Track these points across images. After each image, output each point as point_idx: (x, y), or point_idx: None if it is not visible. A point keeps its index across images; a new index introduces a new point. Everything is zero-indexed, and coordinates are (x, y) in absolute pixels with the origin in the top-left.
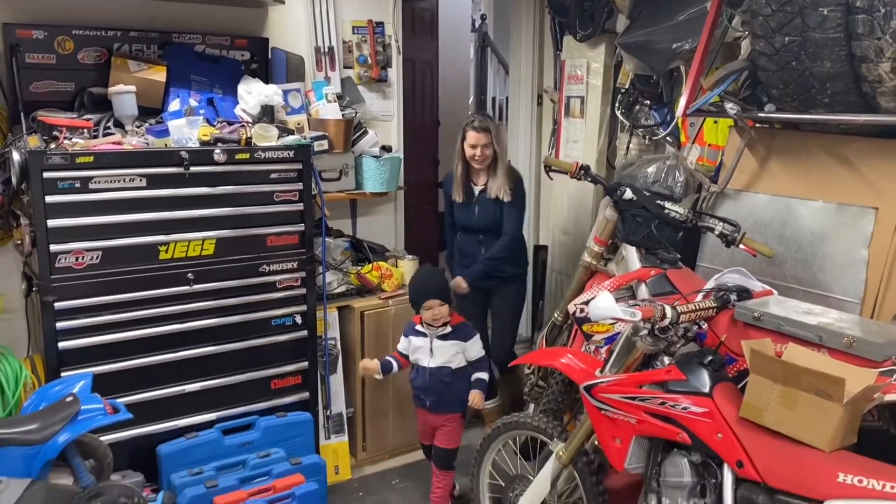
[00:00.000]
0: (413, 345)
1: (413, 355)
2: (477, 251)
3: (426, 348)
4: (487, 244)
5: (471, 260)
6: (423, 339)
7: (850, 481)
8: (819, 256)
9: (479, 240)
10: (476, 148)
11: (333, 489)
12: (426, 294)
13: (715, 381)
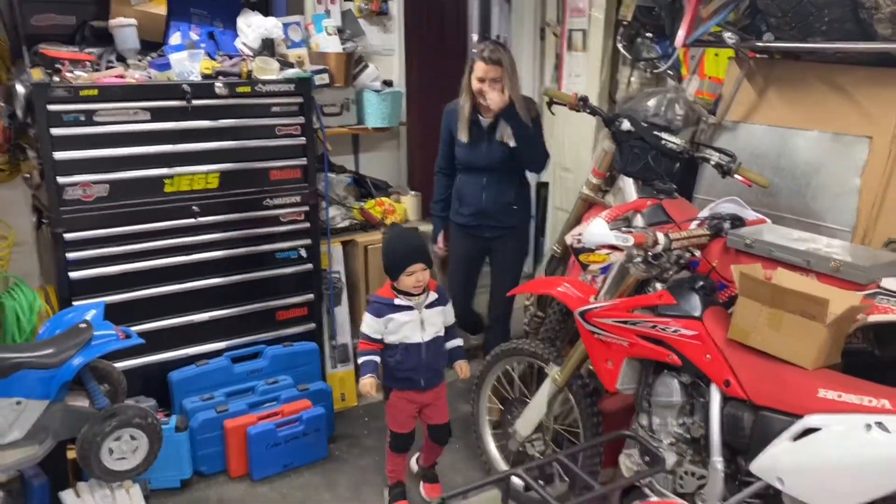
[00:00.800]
0: (397, 323)
1: (397, 335)
2: (479, 196)
3: (416, 322)
4: (492, 188)
5: (471, 208)
6: (410, 314)
7: (830, 396)
8: (813, 186)
9: (482, 183)
10: (484, 82)
11: (340, 415)
12: (411, 257)
13: (705, 305)
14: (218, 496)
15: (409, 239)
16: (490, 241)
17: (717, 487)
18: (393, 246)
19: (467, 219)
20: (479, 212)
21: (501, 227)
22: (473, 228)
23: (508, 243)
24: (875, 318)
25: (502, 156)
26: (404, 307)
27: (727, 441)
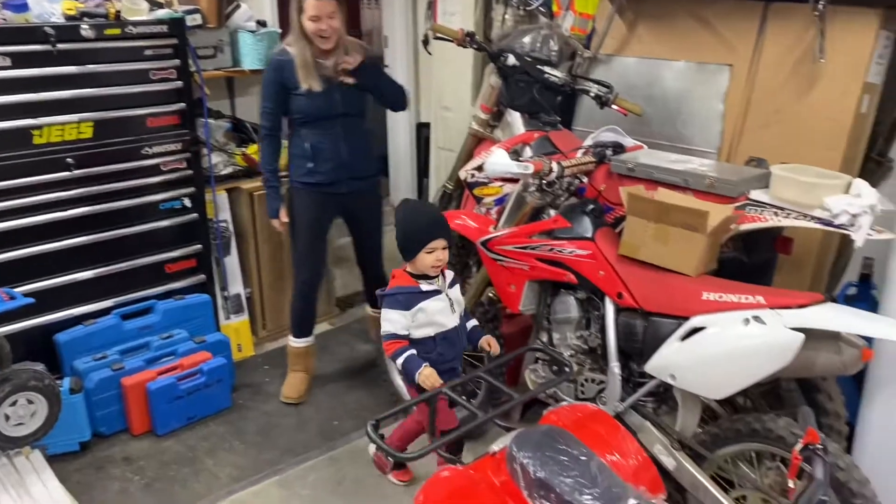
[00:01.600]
0: (429, 312)
1: (430, 326)
2: (337, 148)
3: (447, 306)
4: (350, 137)
5: (330, 163)
6: (441, 298)
7: (712, 298)
8: (682, 112)
9: (339, 134)
10: (320, 20)
11: (239, 365)
12: (431, 232)
13: (596, 226)
14: (123, 454)
15: (426, 212)
16: (345, 199)
17: (616, 390)
18: (410, 220)
19: (323, 176)
20: (340, 165)
21: (362, 179)
22: (329, 186)
23: (368, 197)
24: (746, 226)
25: (359, 100)
26: (432, 293)
27: (622, 348)
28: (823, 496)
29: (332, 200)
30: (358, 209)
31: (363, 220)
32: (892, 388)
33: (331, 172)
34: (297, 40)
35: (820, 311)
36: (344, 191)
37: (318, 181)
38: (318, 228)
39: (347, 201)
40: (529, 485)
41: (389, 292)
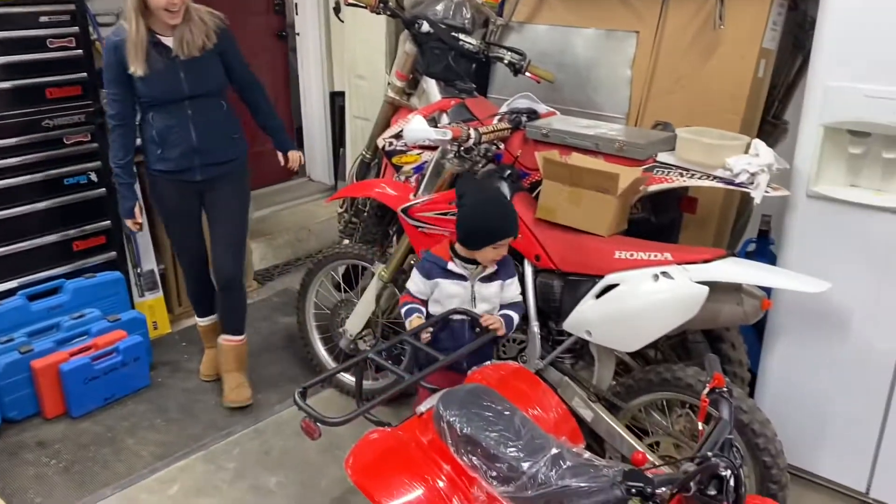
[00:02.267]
0: (445, 292)
1: (441, 306)
2: (186, 132)
3: (466, 296)
4: (202, 119)
5: (178, 148)
6: (462, 285)
7: (624, 256)
8: (592, 79)
9: (187, 116)
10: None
11: (156, 343)
12: (509, 230)
13: (513, 191)
14: (36, 439)
15: (500, 207)
16: (202, 186)
17: (536, 348)
18: (481, 214)
19: (174, 162)
20: (191, 150)
21: (219, 164)
22: (181, 173)
23: (228, 185)
24: (654, 187)
25: (210, 79)
26: (456, 275)
27: (541, 308)
28: (729, 434)
29: (186, 189)
30: (216, 199)
31: (220, 212)
32: (790, 336)
33: (180, 159)
34: (133, 14)
35: (723, 265)
36: (198, 178)
37: (168, 168)
38: (184, 216)
39: (204, 190)
40: (456, 441)
41: (423, 256)
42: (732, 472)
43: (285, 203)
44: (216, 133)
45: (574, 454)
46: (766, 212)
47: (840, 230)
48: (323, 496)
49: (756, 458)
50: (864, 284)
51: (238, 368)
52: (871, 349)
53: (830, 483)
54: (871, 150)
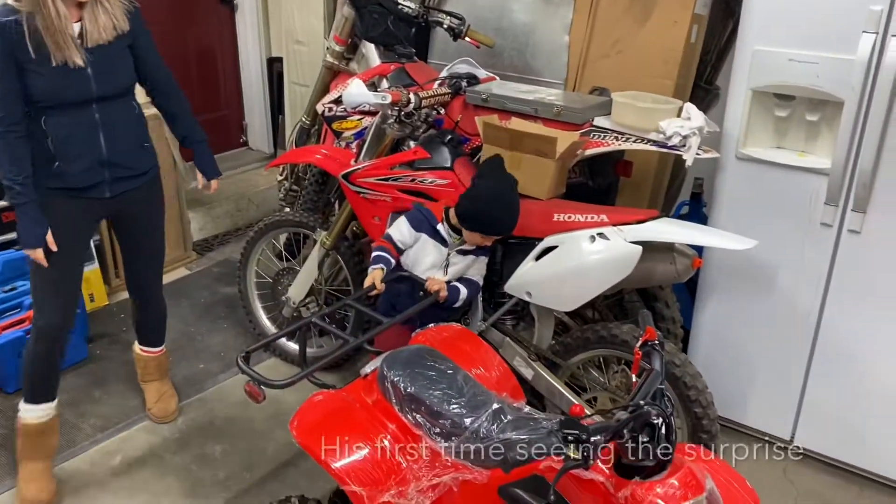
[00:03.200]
0: (424, 250)
1: (414, 263)
2: (94, 140)
3: (440, 261)
4: (112, 124)
5: (85, 160)
6: (440, 249)
7: (562, 219)
8: (531, 45)
9: (92, 121)
10: None
11: (93, 316)
12: (503, 228)
13: (454, 156)
14: None
15: (510, 204)
16: (111, 206)
17: (478, 311)
18: (490, 202)
19: (77, 178)
20: (99, 163)
21: (133, 178)
22: (86, 191)
23: (145, 201)
24: (591, 151)
25: (122, 75)
26: (440, 238)
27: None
28: (661, 385)
29: (91, 209)
30: (129, 218)
31: (136, 232)
32: (721, 293)
33: (86, 173)
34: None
35: (655, 226)
36: (107, 195)
37: (68, 185)
38: (77, 245)
39: (113, 209)
40: (401, 400)
41: (417, 207)
42: (664, 419)
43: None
44: (129, 141)
45: (515, 409)
46: (698, 175)
47: (767, 190)
48: (269, 462)
49: (688, 409)
50: (788, 243)
51: (161, 377)
52: (795, 305)
53: (758, 433)
54: (795, 112)
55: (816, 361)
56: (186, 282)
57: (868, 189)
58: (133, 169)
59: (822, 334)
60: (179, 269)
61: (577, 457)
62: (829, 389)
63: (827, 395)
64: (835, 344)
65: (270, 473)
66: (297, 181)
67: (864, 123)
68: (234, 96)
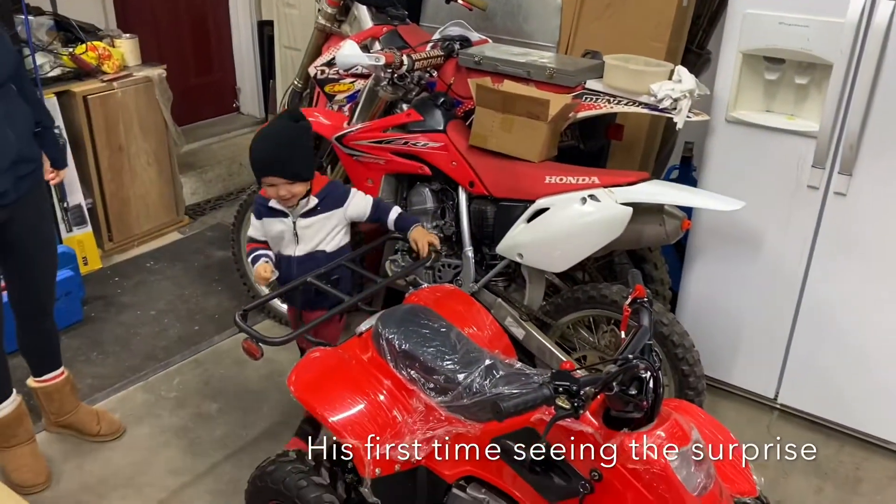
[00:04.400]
0: (270, 231)
1: (273, 244)
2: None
3: (289, 233)
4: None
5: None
6: (283, 222)
7: (554, 181)
8: (523, 7)
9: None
10: None
11: (87, 279)
12: (265, 168)
13: (447, 119)
14: None
15: (270, 143)
16: (7, 210)
17: (470, 272)
18: (253, 146)
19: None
20: (15, 161)
21: (31, 173)
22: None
23: (37, 200)
24: (583, 114)
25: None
26: (278, 212)
27: (475, 233)
28: (649, 340)
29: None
30: (26, 223)
31: (36, 237)
32: (709, 255)
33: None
34: None
35: (645, 187)
36: (12, 199)
37: None
38: None
39: (13, 214)
40: (395, 357)
41: (256, 197)
42: (651, 373)
43: (216, 137)
44: (26, 133)
45: (506, 365)
46: (688, 139)
47: (755, 153)
48: (265, 420)
49: (675, 367)
50: (776, 205)
51: (79, 400)
52: (781, 266)
53: (742, 391)
54: (785, 76)
55: (801, 321)
56: (180, 245)
57: (854, 151)
58: (32, 162)
59: (807, 295)
60: (172, 232)
61: (567, 406)
62: (812, 348)
63: (811, 353)
64: (819, 304)
65: (266, 431)
66: None
67: (852, 86)
68: (227, 61)
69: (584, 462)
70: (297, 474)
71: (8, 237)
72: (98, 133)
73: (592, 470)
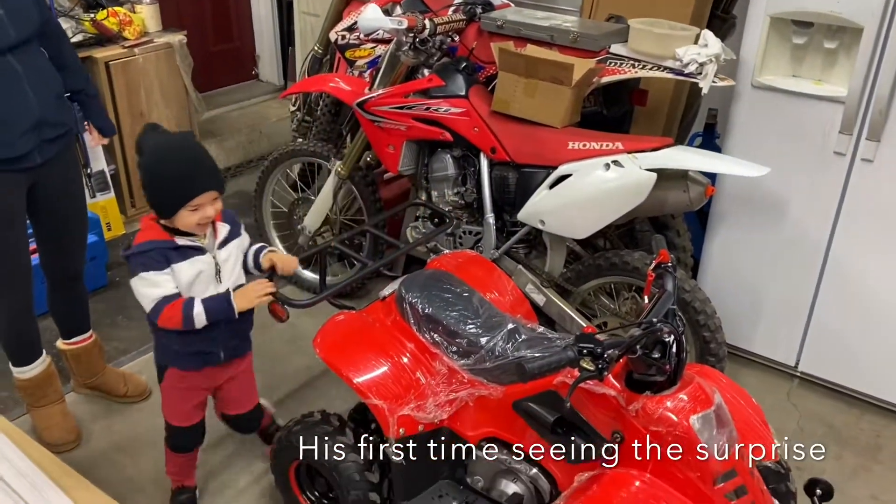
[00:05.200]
0: (185, 276)
1: (188, 291)
2: (24, 97)
3: (209, 271)
4: (36, 75)
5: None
6: (201, 260)
7: (577, 147)
8: None
9: (17, 73)
10: None
11: (111, 245)
12: (195, 183)
13: (469, 84)
14: None
15: (186, 153)
16: (36, 174)
17: (491, 239)
18: (161, 167)
19: (10, 147)
20: (33, 124)
21: (58, 139)
22: (23, 159)
23: (68, 165)
24: (607, 78)
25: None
26: (192, 250)
27: (496, 199)
28: (673, 305)
29: (21, 181)
30: (53, 189)
31: (63, 206)
32: (732, 221)
33: (21, 139)
34: None
35: (670, 153)
36: (38, 162)
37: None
38: (13, 224)
39: (40, 177)
40: (419, 321)
41: (137, 249)
42: (675, 337)
43: (235, 104)
44: (51, 95)
45: (529, 329)
46: (712, 106)
47: (781, 119)
48: (290, 383)
49: (696, 333)
50: (801, 172)
51: (105, 363)
52: (805, 233)
53: (763, 359)
54: (813, 40)
55: (824, 289)
56: None
57: (884, 117)
58: (61, 126)
59: (831, 262)
60: None
61: (591, 368)
62: (835, 316)
63: (833, 321)
64: (842, 272)
65: (291, 394)
66: (309, 112)
67: (882, 50)
68: (246, 28)
69: (606, 424)
70: (322, 435)
71: (38, 201)
72: (120, 99)
73: (614, 432)
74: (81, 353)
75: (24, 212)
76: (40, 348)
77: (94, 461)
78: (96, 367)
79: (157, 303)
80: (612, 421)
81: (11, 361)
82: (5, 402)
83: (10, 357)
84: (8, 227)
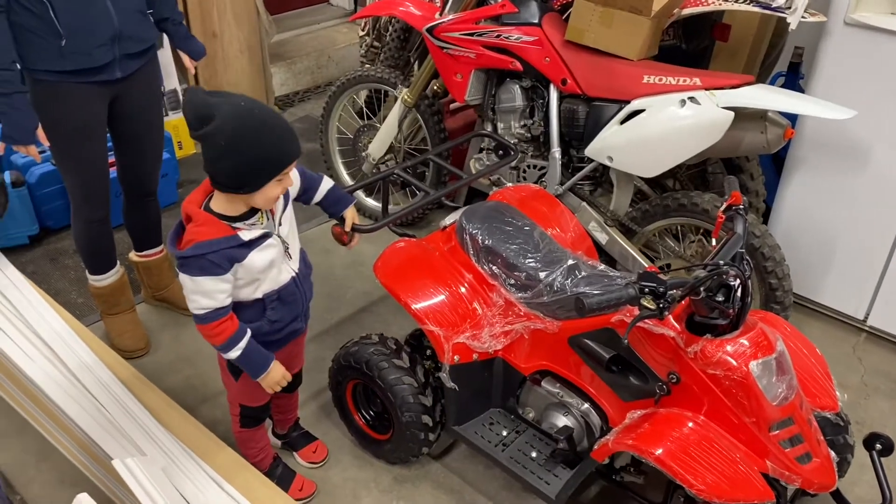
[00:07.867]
0: (256, 268)
1: (263, 285)
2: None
3: (279, 251)
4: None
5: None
6: (271, 243)
7: (652, 81)
8: None
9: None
10: None
11: (182, 162)
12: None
13: (543, 11)
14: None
15: (272, 119)
16: (117, 89)
17: (556, 174)
18: (254, 136)
19: (89, 57)
20: (111, 38)
21: (140, 54)
22: (97, 72)
23: (150, 82)
24: (689, 10)
25: None
26: (259, 239)
27: (563, 134)
28: (741, 249)
29: (101, 93)
30: (132, 105)
31: (140, 121)
32: (809, 166)
33: (99, 51)
34: None
35: (750, 91)
36: (118, 76)
37: (78, 67)
38: (97, 135)
39: (121, 92)
40: (478, 252)
41: (192, 253)
42: (741, 281)
43: (305, 28)
44: (134, 10)
45: (589, 266)
46: (798, 44)
47: (875, 60)
48: (348, 306)
49: (763, 280)
50: (890, 118)
51: (174, 275)
52: (887, 182)
53: (830, 310)
54: None
55: None
56: None
57: None
58: (142, 41)
59: None
60: None
61: (652, 307)
62: None
63: None
64: None
65: (349, 317)
66: (378, 37)
67: None
68: None
69: (662, 365)
70: (378, 356)
71: (119, 115)
72: (193, 19)
73: (670, 372)
74: (152, 266)
75: (104, 125)
76: (115, 258)
77: (162, 369)
78: (166, 279)
79: (207, 313)
80: (668, 362)
81: (88, 270)
82: (81, 309)
83: (86, 265)
84: (87, 139)
